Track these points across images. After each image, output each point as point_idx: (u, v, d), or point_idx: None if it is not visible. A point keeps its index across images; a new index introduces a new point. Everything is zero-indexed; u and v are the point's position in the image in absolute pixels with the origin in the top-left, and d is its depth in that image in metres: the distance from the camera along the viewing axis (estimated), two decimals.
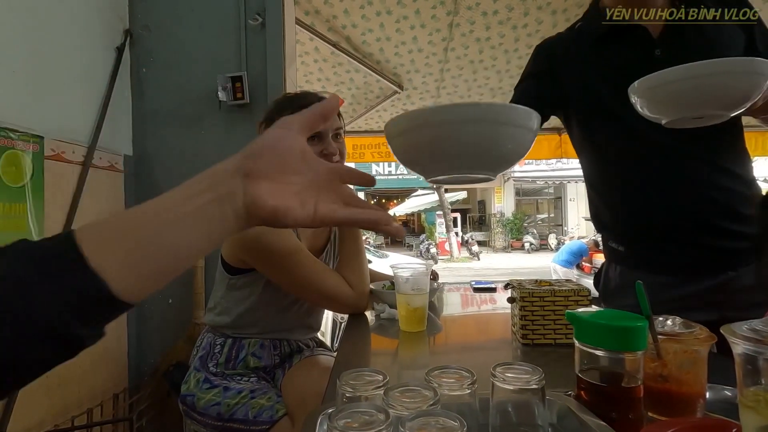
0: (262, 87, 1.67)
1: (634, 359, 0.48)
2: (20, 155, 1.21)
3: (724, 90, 0.61)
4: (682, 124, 0.68)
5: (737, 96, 0.62)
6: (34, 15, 1.28)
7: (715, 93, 0.61)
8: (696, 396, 0.52)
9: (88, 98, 1.51)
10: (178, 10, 1.71)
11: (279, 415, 0.95)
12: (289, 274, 0.99)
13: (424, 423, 0.37)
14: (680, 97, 0.63)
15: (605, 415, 0.46)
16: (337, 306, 1.09)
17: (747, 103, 0.63)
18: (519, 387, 0.45)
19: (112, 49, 1.63)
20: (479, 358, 0.89)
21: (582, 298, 0.88)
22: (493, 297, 1.45)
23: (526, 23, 2.33)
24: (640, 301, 0.53)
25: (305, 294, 1.04)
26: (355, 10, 2.21)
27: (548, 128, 3.81)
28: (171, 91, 1.71)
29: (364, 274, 1.09)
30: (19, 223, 1.20)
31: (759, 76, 0.59)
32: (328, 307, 1.15)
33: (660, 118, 0.69)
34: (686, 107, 0.64)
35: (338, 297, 1.03)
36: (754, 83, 0.60)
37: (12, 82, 1.20)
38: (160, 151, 1.71)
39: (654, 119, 0.70)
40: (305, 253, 1.01)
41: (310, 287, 1.00)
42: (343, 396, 0.45)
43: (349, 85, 2.94)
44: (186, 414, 1.04)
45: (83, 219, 1.44)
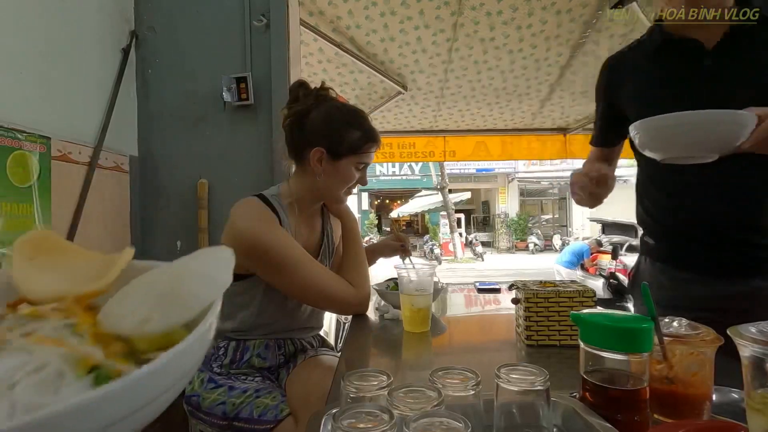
0: (267, 88, 1.68)
1: (639, 361, 0.48)
2: (27, 156, 1.22)
3: (708, 137, 0.70)
4: (675, 161, 0.76)
5: (721, 142, 0.70)
6: (40, 17, 1.29)
7: (701, 139, 0.70)
8: (702, 398, 0.51)
9: (95, 99, 1.52)
10: (183, 12, 1.72)
11: (283, 415, 0.95)
12: (289, 275, 0.97)
13: (428, 424, 0.37)
14: (671, 140, 0.73)
15: (610, 417, 0.45)
16: (339, 307, 1.08)
17: (731, 148, 0.71)
18: (524, 388, 0.44)
19: (118, 50, 1.64)
20: (483, 359, 0.89)
21: (587, 299, 0.88)
22: (497, 298, 1.44)
23: (531, 23, 2.33)
24: (645, 302, 0.53)
25: (306, 295, 1.03)
26: (360, 10, 2.21)
27: (553, 128, 3.80)
28: (176, 92, 1.72)
29: (365, 275, 1.08)
30: (26, 222, 1.21)
31: (741, 126, 0.68)
32: (329, 308, 1.13)
33: (655, 155, 0.77)
34: (676, 149, 0.74)
35: (340, 298, 1.02)
36: (736, 132, 0.68)
37: (19, 84, 1.21)
38: (165, 151, 1.72)
39: (650, 155, 0.78)
40: (303, 254, 0.99)
41: (311, 289, 0.99)
42: (347, 396, 0.45)
43: (353, 85, 2.94)
44: (191, 414, 1.04)
45: (89, 219, 1.45)
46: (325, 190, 1.07)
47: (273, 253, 0.95)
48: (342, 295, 1.02)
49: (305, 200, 1.10)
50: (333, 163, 1.02)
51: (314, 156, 1.02)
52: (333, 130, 1.02)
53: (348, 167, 1.03)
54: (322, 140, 1.01)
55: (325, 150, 1.01)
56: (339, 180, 1.05)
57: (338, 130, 1.02)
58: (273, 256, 0.96)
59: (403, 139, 3.83)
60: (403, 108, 3.30)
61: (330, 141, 1.01)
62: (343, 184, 1.06)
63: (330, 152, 1.02)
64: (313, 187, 1.07)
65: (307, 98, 1.05)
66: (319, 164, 1.02)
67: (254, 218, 0.98)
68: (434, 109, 3.35)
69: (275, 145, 1.67)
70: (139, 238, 1.70)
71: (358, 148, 1.03)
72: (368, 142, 1.04)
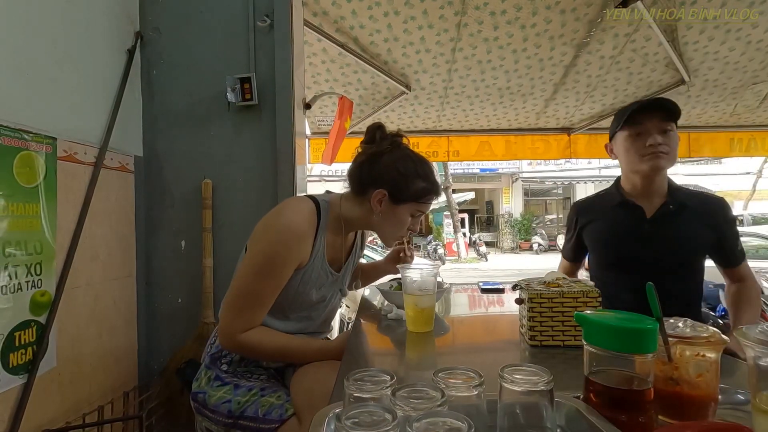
0: (271, 88, 1.68)
1: (644, 362, 0.47)
2: (34, 156, 1.23)
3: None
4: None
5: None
6: (46, 19, 1.30)
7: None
8: (708, 399, 0.51)
9: (100, 100, 1.53)
10: (187, 13, 1.73)
11: (288, 414, 0.95)
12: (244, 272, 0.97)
13: (431, 423, 0.37)
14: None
15: (615, 418, 0.45)
16: (224, 322, 1.00)
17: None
18: (527, 389, 0.44)
19: (123, 51, 1.65)
20: (487, 360, 0.89)
21: (591, 300, 0.87)
22: (501, 298, 1.44)
23: (535, 23, 2.32)
24: (650, 302, 0.52)
25: (227, 295, 0.99)
26: (363, 11, 2.21)
27: (557, 128, 3.78)
28: (181, 93, 1.73)
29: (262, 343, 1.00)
30: (32, 222, 1.22)
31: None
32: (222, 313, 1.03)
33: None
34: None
35: (226, 323, 0.98)
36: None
37: (26, 85, 1.22)
38: (170, 151, 1.73)
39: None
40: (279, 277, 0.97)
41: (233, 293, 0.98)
42: (351, 396, 0.45)
43: (357, 85, 2.94)
44: (197, 411, 1.05)
45: (95, 218, 1.46)
46: (378, 229, 1.10)
47: (258, 249, 0.98)
48: (229, 326, 0.97)
49: (351, 225, 1.12)
50: (392, 206, 1.06)
51: (376, 196, 1.05)
52: (401, 176, 1.05)
53: (405, 213, 1.07)
54: (388, 184, 1.04)
55: (387, 193, 1.04)
56: (393, 222, 1.08)
57: (405, 177, 1.05)
58: (256, 251, 0.98)
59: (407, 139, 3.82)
60: (406, 108, 3.30)
61: (395, 186, 1.04)
62: (396, 227, 1.09)
63: (392, 196, 1.05)
64: (365, 220, 1.10)
65: (383, 142, 1.09)
66: (379, 204, 1.05)
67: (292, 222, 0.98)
68: (438, 109, 3.34)
69: (278, 146, 1.68)
70: (143, 238, 1.71)
71: (420, 197, 1.07)
72: (430, 193, 1.08)
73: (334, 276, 1.11)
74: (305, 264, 1.02)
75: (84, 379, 1.42)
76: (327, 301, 1.14)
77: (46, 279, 1.27)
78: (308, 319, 1.12)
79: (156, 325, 1.72)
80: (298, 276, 1.02)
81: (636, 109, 1.19)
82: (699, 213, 1.23)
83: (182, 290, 1.72)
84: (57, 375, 1.31)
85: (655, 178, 1.23)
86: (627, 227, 1.27)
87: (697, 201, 1.25)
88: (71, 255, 1.35)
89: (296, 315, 1.09)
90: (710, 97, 3.12)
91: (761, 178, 14.29)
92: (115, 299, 1.57)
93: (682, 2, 2.18)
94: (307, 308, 1.09)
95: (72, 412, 1.36)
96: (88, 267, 1.44)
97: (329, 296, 1.14)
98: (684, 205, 1.23)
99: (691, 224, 1.22)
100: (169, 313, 1.72)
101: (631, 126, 1.22)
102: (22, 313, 1.19)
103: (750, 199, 14.21)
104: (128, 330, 1.65)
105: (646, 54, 2.63)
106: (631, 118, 1.20)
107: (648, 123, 1.19)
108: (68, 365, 1.35)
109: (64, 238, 1.34)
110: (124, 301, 1.63)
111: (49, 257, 1.28)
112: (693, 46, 2.54)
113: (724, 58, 2.65)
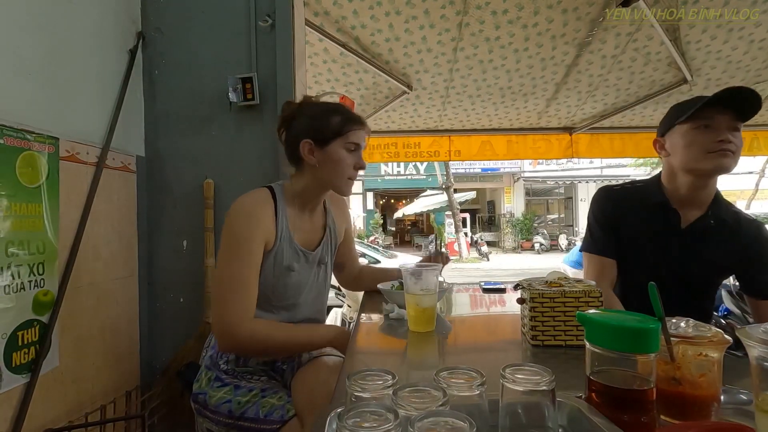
0: (272, 88, 1.68)
1: (646, 361, 0.47)
2: (36, 156, 1.23)
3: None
4: None
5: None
6: (48, 19, 1.30)
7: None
8: (710, 399, 0.51)
9: (102, 100, 1.53)
10: (189, 13, 1.73)
11: (290, 415, 0.95)
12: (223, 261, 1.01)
13: (433, 423, 0.36)
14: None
15: (617, 418, 0.45)
16: (214, 320, 1.00)
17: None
18: (529, 388, 0.44)
19: (125, 51, 1.65)
20: (489, 359, 0.89)
21: (593, 299, 0.87)
22: (502, 298, 1.44)
23: (537, 22, 2.32)
24: (652, 302, 0.52)
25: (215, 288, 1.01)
26: (364, 10, 2.21)
27: (559, 128, 3.77)
28: (182, 93, 1.73)
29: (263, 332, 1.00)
30: (35, 222, 1.23)
31: None
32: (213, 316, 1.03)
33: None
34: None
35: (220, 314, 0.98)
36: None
37: (28, 85, 1.23)
38: (171, 151, 1.73)
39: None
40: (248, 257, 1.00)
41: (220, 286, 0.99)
42: (352, 396, 0.45)
43: (358, 85, 2.94)
44: (198, 412, 1.05)
45: (97, 218, 1.46)
46: (324, 180, 1.12)
47: (223, 240, 1.02)
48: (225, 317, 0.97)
49: (305, 195, 1.14)
50: (323, 151, 1.09)
51: (304, 148, 1.09)
52: (314, 119, 1.10)
53: (337, 151, 1.09)
54: (308, 132, 1.09)
55: (312, 140, 1.08)
56: (332, 165, 1.10)
57: (320, 119, 1.09)
58: (222, 242, 1.02)
59: (408, 139, 3.82)
60: (408, 108, 3.30)
61: (314, 130, 1.09)
62: (337, 168, 1.10)
63: (317, 141, 1.09)
64: (314, 181, 1.12)
65: (291, 105, 1.16)
66: (311, 155, 1.09)
67: (244, 204, 1.05)
68: (439, 109, 3.34)
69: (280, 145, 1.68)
70: (145, 238, 1.71)
71: (341, 130, 1.09)
72: (349, 122, 1.10)
73: (307, 255, 1.13)
74: (273, 244, 1.05)
75: (86, 378, 1.43)
76: (309, 285, 1.15)
77: (49, 279, 1.27)
78: (295, 307, 1.13)
79: (158, 324, 1.72)
80: (270, 258, 1.05)
81: (710, 99, 1.03)
82: (734, 234, 1.13)
83: (184, 290, 1.72)
84: (59, 374, 1.31)
85: (711, 182, 1.11)
86: (658, 232, 1.16)
87: (735, 220, 1.15)
88: (74, 255, 1.35)
89: (281, 303, 1.10)
90: None
91: (764, 177, 14.24)
92: (117, 299, 1.58)
93: (684, 2, 2.18)
94: (291, 294, 1.11)
95: (74, 411, 1.36)
96: (91, 267, 1.45)
97: (310, 279, 1.15)
98: (724, 221, 1.13)
99: (723, 244, 1.13)
100: (171, 313, 1.72)
101: (698, 119, 1.07)
102: (25, 312, 1.20)
103: (753, 198, 14.16)
104: (130, 329, 1.65)
105: (648, 53, 2.62)
106: (700, 110, 1.05)
107: (719, 117, 1.05)
108: (71, 365, 1.36)
109: (66, 237, 1.34)
110: (126, 301, 1.63)
111: (51, 257, 1.28)
112: (695, 45, 2.53)
113: (727, 58, 2.64)
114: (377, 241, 15.50)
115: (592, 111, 3.42)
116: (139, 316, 1.69)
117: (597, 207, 1.28)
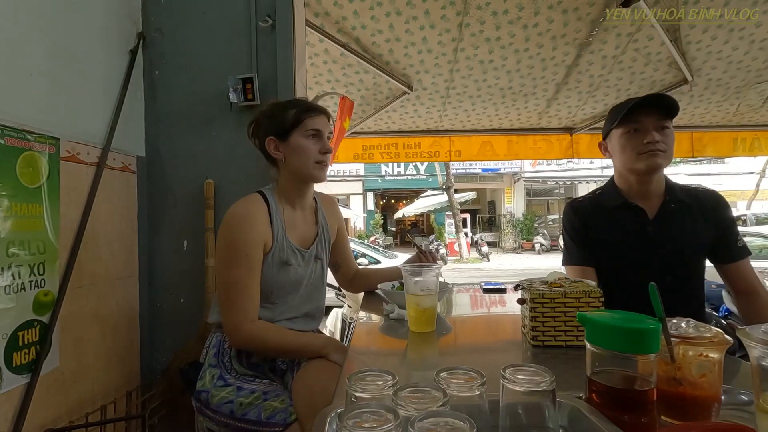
0: (272, 88, 1.68)
1: (647, 362, 0.47)
2: (37, 156, 1.23)
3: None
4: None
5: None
6: (49, 19, 1.30)
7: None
8: (711, 400, 0.51)
9: (103, 100, 1.53)
10: (189, 13, 1.73)
11: (292, 419, 0.95)
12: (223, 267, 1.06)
13: (433, 423, 0.36)
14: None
15: (617, 418, 0.45)
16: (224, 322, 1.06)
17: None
18: (529, 389, 0.44)
19: (126, 52, 1.65)
20: (489, 360, 0.89)
21: (593, 300, 0.87)
22: (503, 298, 1.44)
23: (537, 22, 2.32)
24: (653, 302, 0.52)
25: (220, 293, 1.07)
26: (365, 11, 2.21)
27: (559, 128, 3.77)
28: (183, 93, 1.73)
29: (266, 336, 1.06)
30: (35, 222, 1.23)
31: None
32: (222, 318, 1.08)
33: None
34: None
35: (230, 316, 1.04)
36: None
37: (29, 85, 1.23)
38: (172, 152, 1.73)
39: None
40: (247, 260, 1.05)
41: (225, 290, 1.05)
42: (353, 396, 0.45)
43: (359, 86, 2.95)
44: (199, 411, 1.05)
45: (97, 219, 1.46)
46: (295, 171, 1.16)
47: (220, 246, 1.08)
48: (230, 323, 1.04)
49: (290, 191, 1.18)
50: (286, 144, 1.14)
51: (270, 146, 1.15)
52: (271, 116, 1.15)
53: (299, 141, 1.13)
54: (268, 130, 1.15)
55: (274, 136, 1.14)
56: (297, 154, 1.14)
57: (277, 116, 1.14)
58: (219, 249, 1.08)
59: (409, 139, 3.82)
60: (408, 108, 3.30)
61: (274, 126, 1.14)
62: (303, 156, 1.14)
63: (278, 136, 1.14)
64: (288, 174, 1.17)
65: (255, 113, 1.22)
66: (278, 150, 1.15)
67: (238, 210, 1.09)
68: (440, 109, 3.34)
69: None
70: (146, 238, 1.71)
71: (298, 120, 1.13)
72: (304, 112, 1.14)
73: (303, 253, 1.17)
74: (271, 245, 1.10)
75: (87, 378, 1.43)
76: (307, 280, 1.19)
77: (49, 279, 1.27)
78: (294, 300, 1.17)
79: (158, 324, 1.72)
80: (269, 259, 1.10)
81: (633, 105, 1.15)
82: (697, 209, 1.21)
83: (185, 290, 1.72)
84: (60, 374, 1.32)
85: (652, 178, 1.20)
86: (631, 230, 1.22)
87: (694, 197, 1.23)
88: (74, 255, 1.36)
89: (281, 299, 1.14)
90: (713, 97, 3.11)
91: (765, 177, 14.23)
92: (117, 299, 1.58)
93: (685, 2, 2.18)
94: (291, 289, 1.15)
95: (75, 411, 1.36)
96: (91, 267, 1.45)
97: (307, 275, 1.19)
98: (683, 202, 1.21)
99: (692, 221, 1.20)
100: (171, 313, 1.72)
101: (628, 123, 1.18)
102: (26, 312, 1.20)
103: (753, 198, 14.15)
104: (131, 330, 1.65)
105: (648, 53, 2.62)
106: (627, 115, 1.16)
107: (645, 120, 1.15)
108: (71, 365, 1.36)
109: (67, 238, 1.34)
110: (127, 301, 1.63)
111: (52, 257, 1.28)
112: (696, 45, 2.53)
113: (728, 57, 2.64)
114: (377, 241, 15.50)
115: (593, 111, 3.42)
116: (139, 317, 1.69)
117: (566, 221, 1.37)
